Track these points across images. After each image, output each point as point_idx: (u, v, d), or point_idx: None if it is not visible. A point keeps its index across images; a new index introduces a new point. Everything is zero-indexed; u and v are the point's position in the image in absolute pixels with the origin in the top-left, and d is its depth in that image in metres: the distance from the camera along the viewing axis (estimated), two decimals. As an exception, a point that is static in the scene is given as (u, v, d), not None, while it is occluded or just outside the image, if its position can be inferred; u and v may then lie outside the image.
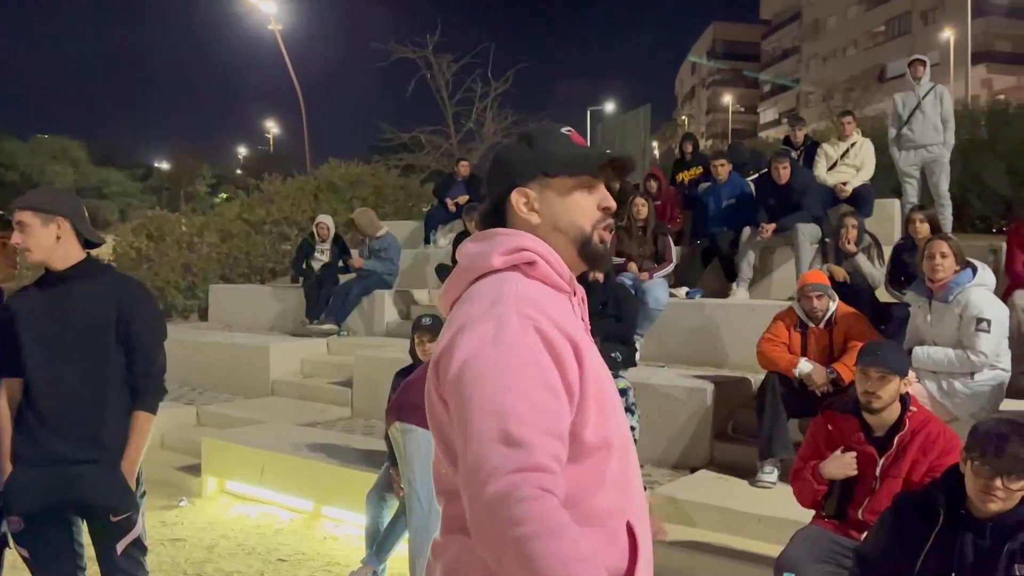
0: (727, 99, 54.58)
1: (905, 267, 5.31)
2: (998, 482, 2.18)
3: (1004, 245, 5.78)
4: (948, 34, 29.30)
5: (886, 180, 8.36)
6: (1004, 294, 4.83)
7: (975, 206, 11.67)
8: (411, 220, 11.46)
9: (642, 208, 6.54)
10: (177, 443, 6.22)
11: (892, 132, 7.58)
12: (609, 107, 32.27)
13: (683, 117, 50.01)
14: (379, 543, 3.92)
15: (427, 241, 9.89)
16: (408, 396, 3.61)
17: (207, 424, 6.61)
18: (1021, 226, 5.20)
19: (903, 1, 43.40)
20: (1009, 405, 4.07)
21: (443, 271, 7.59)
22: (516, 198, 1.37)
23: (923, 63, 7.53)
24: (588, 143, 1.48)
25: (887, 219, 7.47)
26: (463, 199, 9.44)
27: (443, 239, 9.69)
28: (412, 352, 4.22)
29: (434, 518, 3.69)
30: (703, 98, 61.91)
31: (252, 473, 5.21)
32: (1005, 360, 3.95)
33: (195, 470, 5.54)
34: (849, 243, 5.54)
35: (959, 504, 2.30)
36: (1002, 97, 15.44)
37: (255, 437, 5.56)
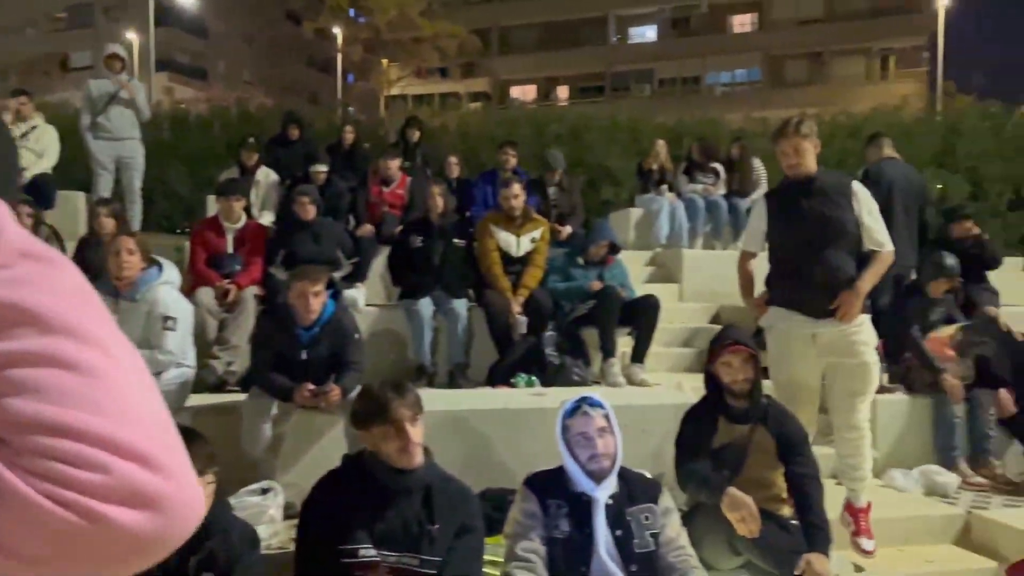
0: None
1: (90, 264, 4.97)
2: None
3: (188, 244, 5.99)
4: (132, 36, 29.88)
5: (71, 171, 7.85)
6: (188, 291, 4.98)
7: (161, 206, 12.08)
8: None
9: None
10: None
11: (86, 120, 7.09)
12: None
13: None
14: None
15: None
16: None
17: None
18: (203, 227, 5.44)
19: (86, -9, 42.43)
20: (194, 401, 4.15)
21: None
22: None
23: (120, 58, 7.26)
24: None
25: (72, 212, 6.98)
26: None
27: None
28: None
29: None
30: None
31: None
32: (191, 357, 4.01)
33: None
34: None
35: None
36: (184, 106, 16.42)
37: None
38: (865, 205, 3.61)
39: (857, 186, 3.66)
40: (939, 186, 10.21)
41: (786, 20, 36.29)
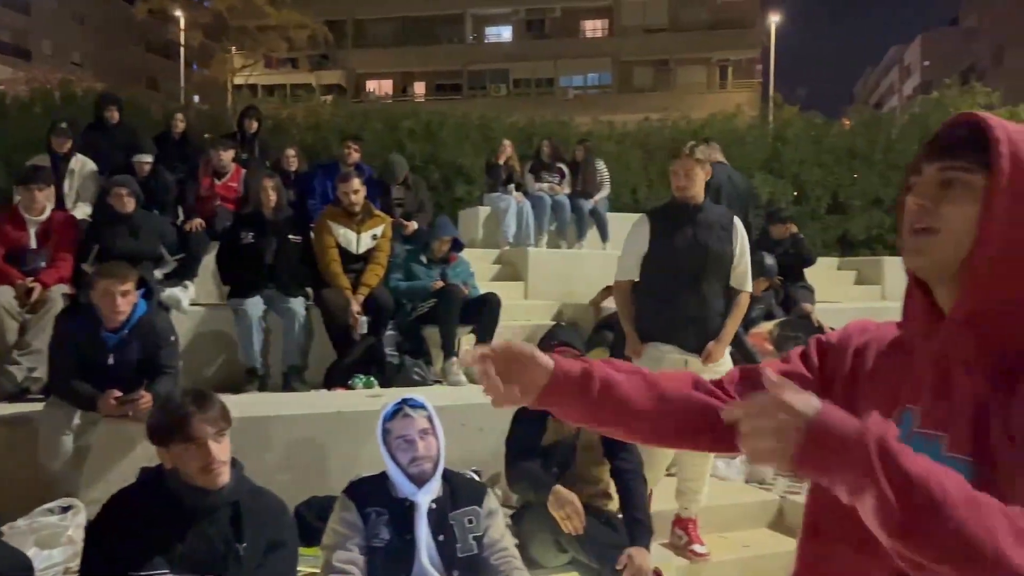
0: None
1: None
2: None
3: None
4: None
5: None
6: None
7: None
8: None
9: None
10: None
11: None
12: None
13: None
14: None
15: None
16: None
17: None
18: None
19: None
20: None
21: None
22: None
23: None
24: None
25: None
26: None
27: None
28: None
29: None
30: None
31: None
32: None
33: None
34: None
35: None
36: (1, 87, 14.93)
37: None
38: (741, 243, 3.73)
39: (738, 223, 3.78)
40: (769, 191, 10.87)
41: (634, 27, 37.68)
